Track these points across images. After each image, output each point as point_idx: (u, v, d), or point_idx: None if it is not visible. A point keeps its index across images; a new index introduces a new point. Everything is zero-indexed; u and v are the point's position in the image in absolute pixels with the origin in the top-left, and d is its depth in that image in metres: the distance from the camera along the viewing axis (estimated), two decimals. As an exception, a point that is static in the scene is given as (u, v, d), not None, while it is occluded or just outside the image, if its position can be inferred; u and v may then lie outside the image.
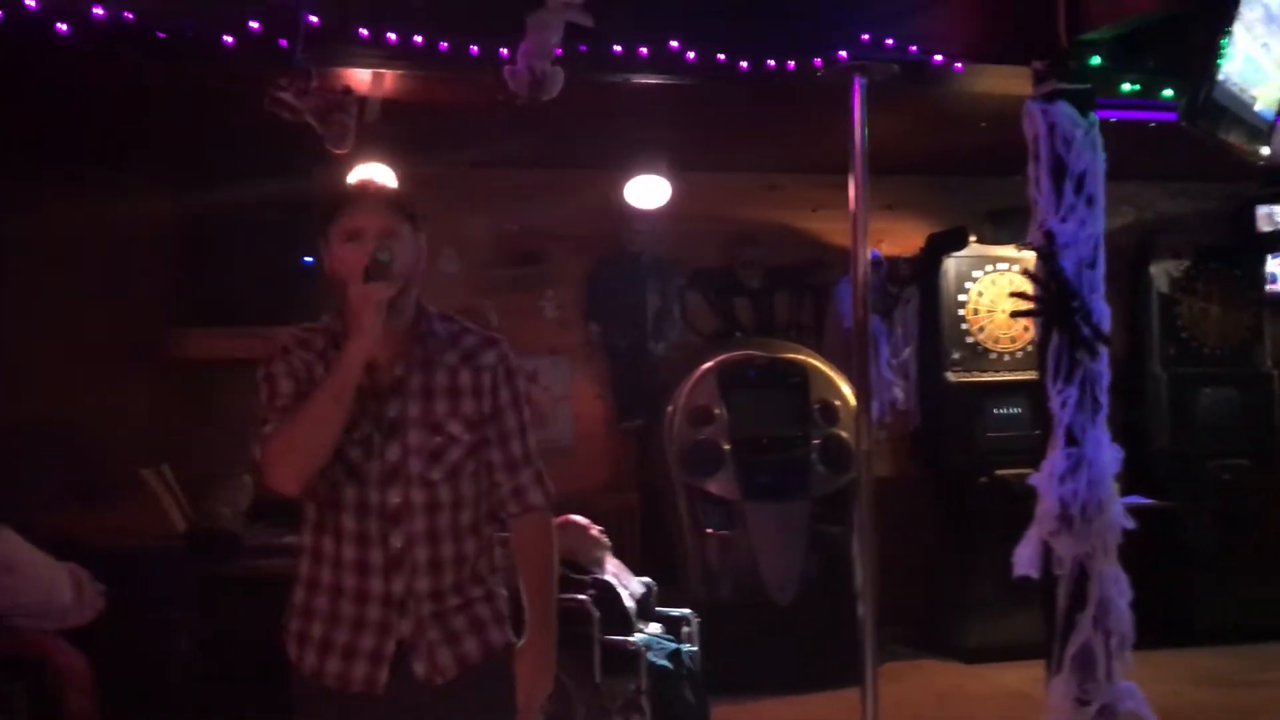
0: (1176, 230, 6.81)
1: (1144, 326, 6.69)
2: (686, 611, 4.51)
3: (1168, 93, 3.99)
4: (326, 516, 2.26)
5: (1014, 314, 4.15)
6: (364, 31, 3.35)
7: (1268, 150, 3.86)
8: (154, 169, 5.29)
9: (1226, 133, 3.65)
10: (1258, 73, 3.68)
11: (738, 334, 6.49)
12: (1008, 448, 6.04)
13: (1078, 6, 3.85)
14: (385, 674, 2.24)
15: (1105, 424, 3.95)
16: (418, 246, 2.29)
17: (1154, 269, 6.67)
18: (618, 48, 3.55)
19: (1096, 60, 3.90)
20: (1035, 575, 3.96)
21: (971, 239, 6.32)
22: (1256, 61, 3.67)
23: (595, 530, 4.46)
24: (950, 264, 6.34)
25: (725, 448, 5.85)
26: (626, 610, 4.22)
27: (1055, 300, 3.87)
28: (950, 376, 6.33)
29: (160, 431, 5.48)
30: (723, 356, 6.08)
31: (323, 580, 2.26)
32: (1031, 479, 3.97)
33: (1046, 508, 3.90)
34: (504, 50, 3.43)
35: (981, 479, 6.16)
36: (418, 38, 3.38)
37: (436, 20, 3.41)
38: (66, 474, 5.15)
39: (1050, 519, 3.89)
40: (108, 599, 4.21)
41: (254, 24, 3.25)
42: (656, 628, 4.41)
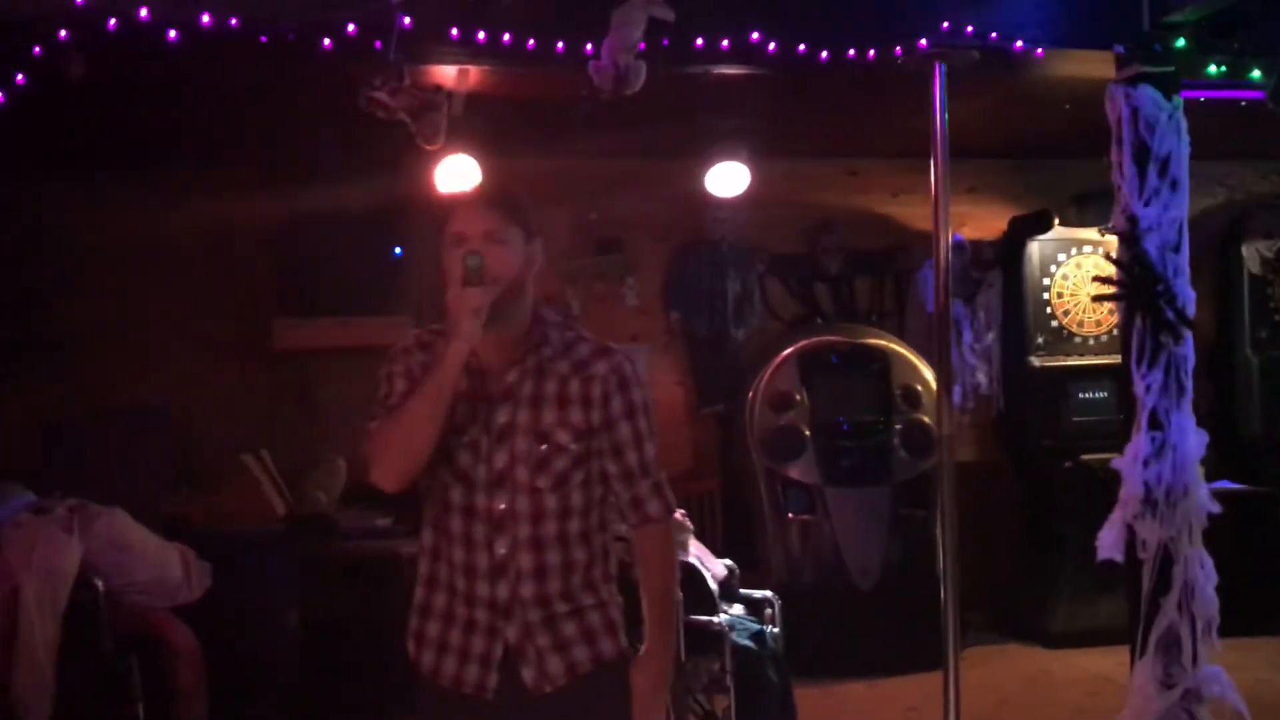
0: (1268, 210, 6.67)
1: (1234, 309, 6.58)
2: (769, 594, 4.58)
3: (1255, 74, 3.94)
4: (440, 517, 2.30)
5: (1096, 298, 4.15)
6: (455, 31, 3.45)
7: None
8: (256, 167, 5.49)
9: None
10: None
11: (818, 320, 6.52)
12: (1092, 432, 6.00)
13: (1161, -13, 3.83)
14: (494, 679, 2.25)
15: (1190, 408, 3.94)
16: (528, 252, 2.28)
17: (1245, 250, 6.55)
18: (699, 40, 3.60)
19: (1181, 42, 3.87)
20: (1119, 559, 3.97)
21: (1055, 222, 6.28)
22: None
23: (679, 514, 4.54)
24: (1034, 247, 6.30)
25: (806, 433, 5.90)
26: (710, 592, 4.30)
27: (1139, 284, 3.87)
28: (1034, 361, 6.30)
29: (261, 419, 5.69)
30: (803, 342, 6.12)
31: (439, 579, 2.31)
32: (1115, 463, 3.98)
33: (1130, 492, 3.91)
34: (589, 46, 3.52)
35: (1066, 464, 6.13)
36: (506, 36, 3.47)
37: (524, 19, 3.50)
38: (174, 460, 5.39)
39: (1134, 503, 3.89)
40: (214, 578, 4.42)
41: (350, 27, 3.37)
42: (739, 609, 4.48)
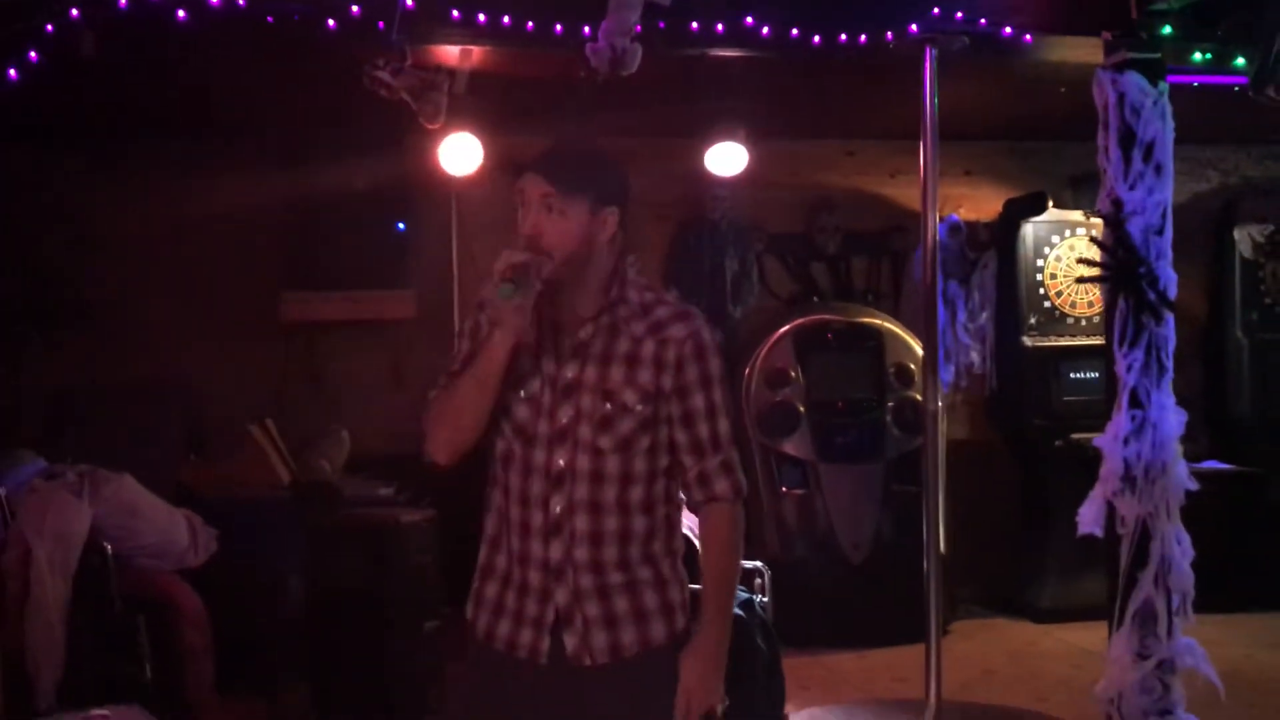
0: (1261, 195, 6.76)
1: (1226, 291, 6.68)
2: (759, 564, 4.69)
3: (1240, 61, 4.02)
4: (500, 473, 2.26)
5: (1080, 279, 4.25)
6: (456, 13, 3.55)
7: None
8: (265, 144, 5.59)
9: (1296, 101, 3.70)
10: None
11: (815, 298, 6.62)
12: (1084, 411, 6.07)
13: (1149, -25, 3.91)
14: (547, 644, 2.18)
15: (1170, 388, 4.05)
16: (596, 221, 2.20)
17: (1237, 233, 6.63)
18: (695, 24, 3.70)
19: (1167, 30, 3.95)
20: (1099, 534, 4.08)
21: (1050, 204, 6.36)
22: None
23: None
24: (1028, 229, 6.39)
25: (801, 409, 6.01)
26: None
27: (1122, 266, 3.96)
28: (1027, 341, 6.39)
29: (268, 391, 5.81)
30: (799, 320, 6.22)
31: (501, 539, 2.26)
32: (1096, 440, 4.09)
33: (1111, 468, 4.01)
34: (586, 29, 3.62)
35: (1057, 442, 6.23)
36: (506, 18, 3.57)
37: (524, 2, 3.60)
38: (184, 429, 5.52)
39: (1114, 479, 4.00)
40: (220, 543, 4.55)
41: (354, 8, 3.47)
42: (730, 579, 4.59)
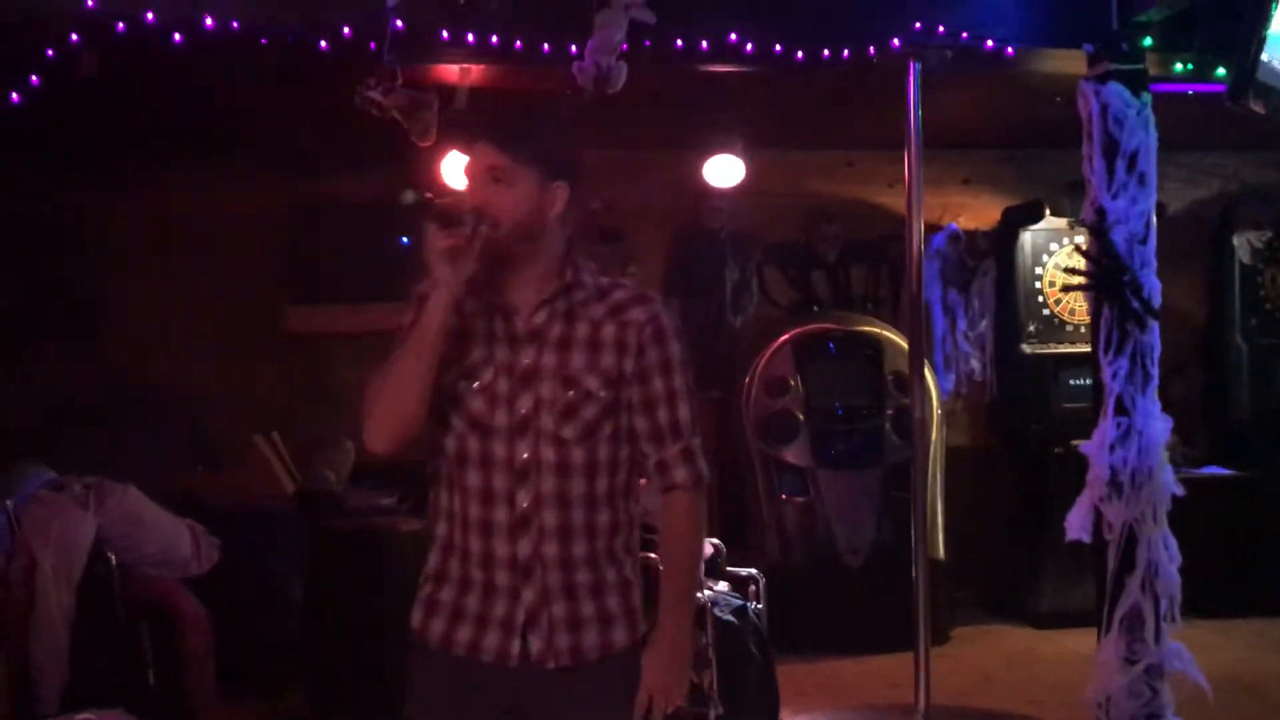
0: (1260, 201, 6.78)
1: (1225, 297, 6.70)
2: (753, 571, 4.75)
3: (1221, 71, 4.07)
4: (453, 471, 2.14)
5: (1065, 288, 4.29)
6: (445, 33, 3.64)
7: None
8: (264, 159, 5.70)
9: (1275, 110, 3.75)
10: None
11: (815, 307, 6.67)
12: (1082, 418, 5.98)
13: (1130, -13, 3.96)
14: (517, 646, 2.10)
15: (1155, 394, 4.09)
16: (547, 194, 2.09)
17: (1236, 239, 6.65)
18: (679, 41, 3.77)
19: (1148, 41, 4.00)
20: (1087, 539, 4.13)
21: (1047, 212, 6.40)
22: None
23: (666, 494, 4.73)
24: (1026, 237, 6.43)
25: (800, 417, 6.07)
26: (695, 568, 4.48)
27: (1106, 275, 4.01)
28: (1026, 348, 6.43)
29: (272, 401, 5.91)
30: (799, 329, 6.28)
31: (454, 542, 2.15)
32: (1083, 447, 4.13)
33: (1097, 474, 4.06)
34: (574, 47, 3.70)
35: (1056, 449, 6.26)
36: (494, 38, 3.66)
37: (512, 21, 3.68)
38: (189, 439, 5.62)
39: (1100, 485, 4.05)
40: (223, 552, 4.64)
41: (346, 29, 3.56)
42: (724, 586, 4.66)
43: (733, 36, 3.77)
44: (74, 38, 3.45)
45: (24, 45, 3.44)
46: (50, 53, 3.44)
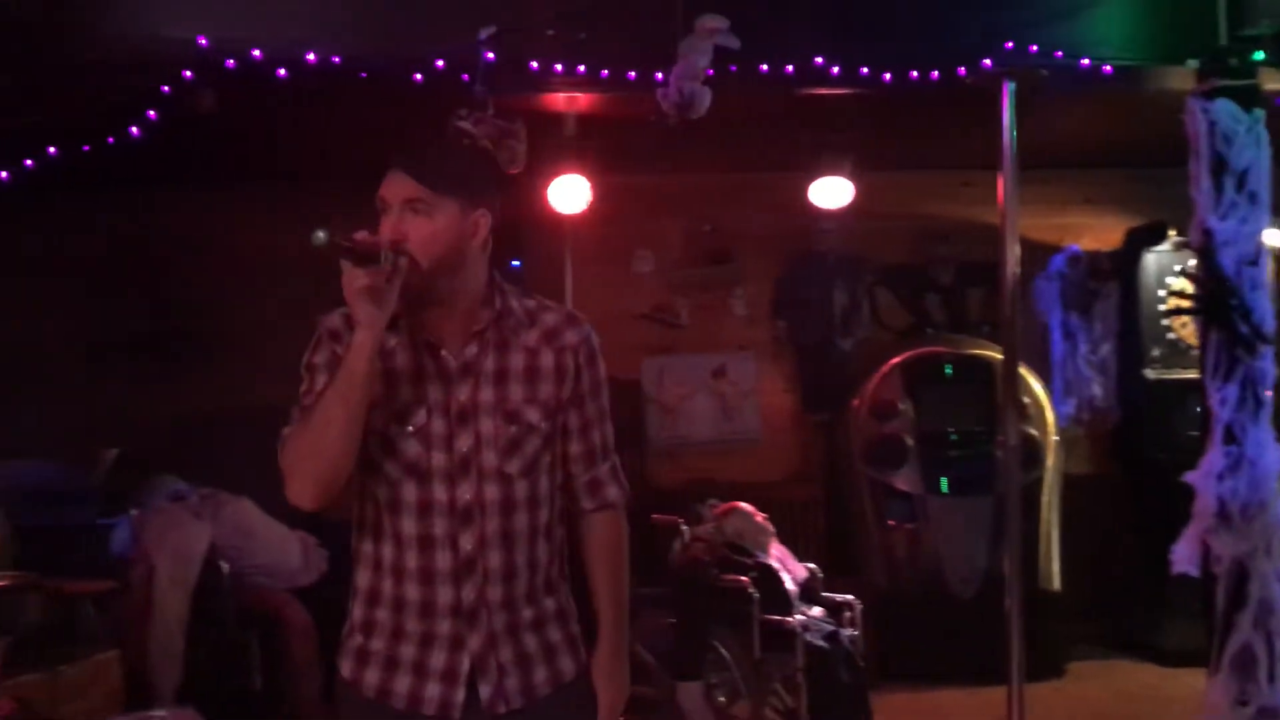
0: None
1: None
2: (849, 598, 4.70)
3: (1339, 84, 3.89)
4: (384, 520, 2.02)
5: (1170, 312, 4.14)
6: (534, 64, 3.74)
7: None
8: (358, 185, 5.90)
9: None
10: None
11: (929, 330, 6.57)
12: (1210, 447, 5.88)
13: (1239, 2, 3.83)
14: (461, 695, 2.00)
15: (1269, 423, 3.92)
16: (466, 223, 1.99)
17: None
18: (764, 66, 3.80)
19: (1260, 55, 3.86)
20: (1194, 573, 3.99)
21: (1172, 233, 6.16)
22: None
23: (760, 517, 4.73)
24: (1150, 258, 6.20)
25: (909, 442, 5.97)
26: (786, 592, 4.47)
27: (1213, 298, 3.87)
28: (1150, 373, 6.20)
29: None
30: (909, 352, 6.19)
31: (384, 592, 2.03)
32: (1188, 476, 3.99)
33: (1204, 505, 3.93)
34: (659, 74, 3.75)
35: (1181, 478, 6.01)
36: (581, 67, 3.74)
37: (599, 50, 3.77)
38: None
39: (1207, 516, 3.91)
40: (331, 564, 4.82)
41: (439, 62, 3.70)
42: (819, 611, 4.62)
43: (818, 60, 3.77)
44: (187, 74, 3.65)
45: (142, 83, 3.66)
46: (166, 89, 3.65)
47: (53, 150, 3.76)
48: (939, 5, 3.95)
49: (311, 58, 3.69)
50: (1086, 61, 3.87)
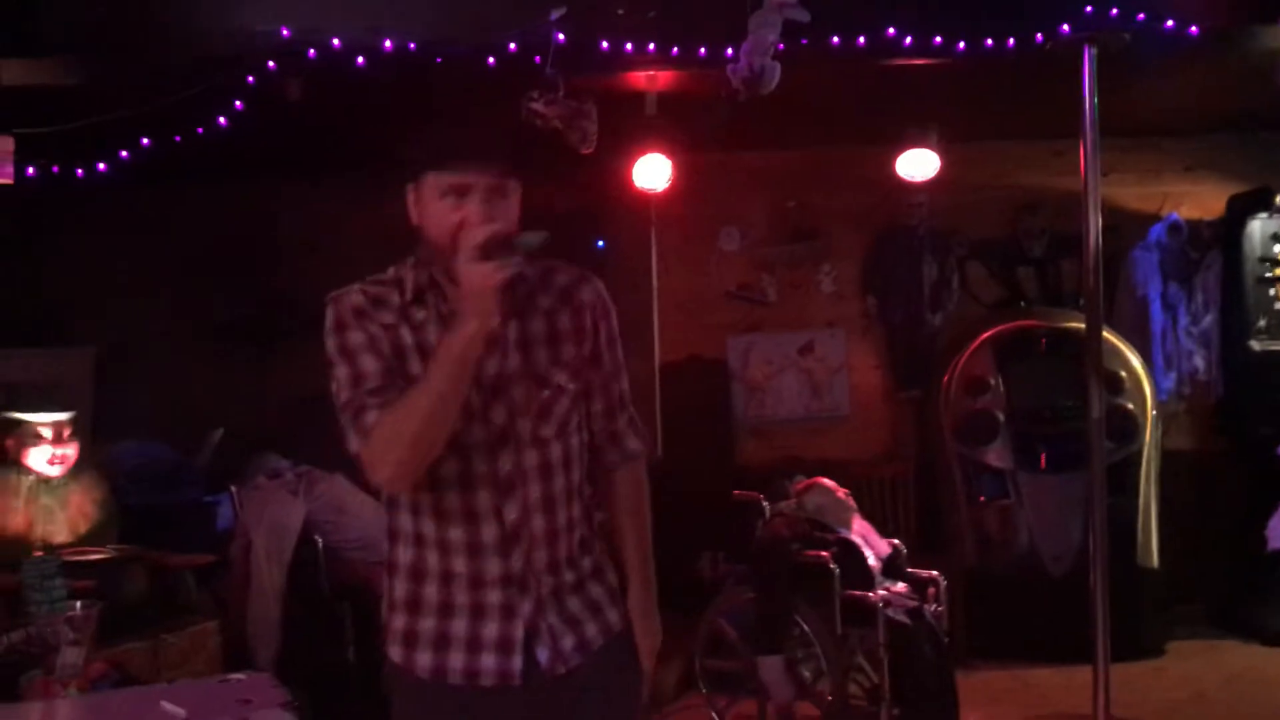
0: None
1: None
2: (934, 574, 4.65)
3: None
4: (423, 497, 2.01)
5: (1277, 280, 4.00)
6: (605, 44, 3.77)
7: None
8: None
9: None
10: None
11: (1021, 303, 6.44)
12: (1318, 420, 5.68)
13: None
14: (519, 663, 2.01)
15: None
16: (518, 201, 2.00)
17: None
18: (835, 39, 3.77)
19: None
20: (1289, 550, 3.85)
21: (1278, 199, 5.95)
22: None
23: (842, 493, 4.71)
24: (1255, 226, 5.99)
25: (1000, 418, 5.87)
26: (868, 568, 4.44)
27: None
28: (1255, 345, 6.01)
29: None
30: (1000, 326, 6.08)
31: (428, 568, 2.03)
32: (1283, 450, 3.85)
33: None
34: (729, 50, 3.76)
35: (1287, 452, 5.83)
36: (651, 45, 3.76)
37: (668, 27, 3.78)
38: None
39: (1306, 492, 3.77)
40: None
41: (511, 45, 3.76)
42: (902, 587, 4.59)
43: (890, 30, 3.73)
44: (271, 65, 3.77)
45: (230, 75, 3.80)
46: (251, 80, 3.78)
47: (145, 142, 3.92)
48: (1015, -29, 3.87)
49: (388, 45, 3.77)
50: (1171, 23, 3.74)
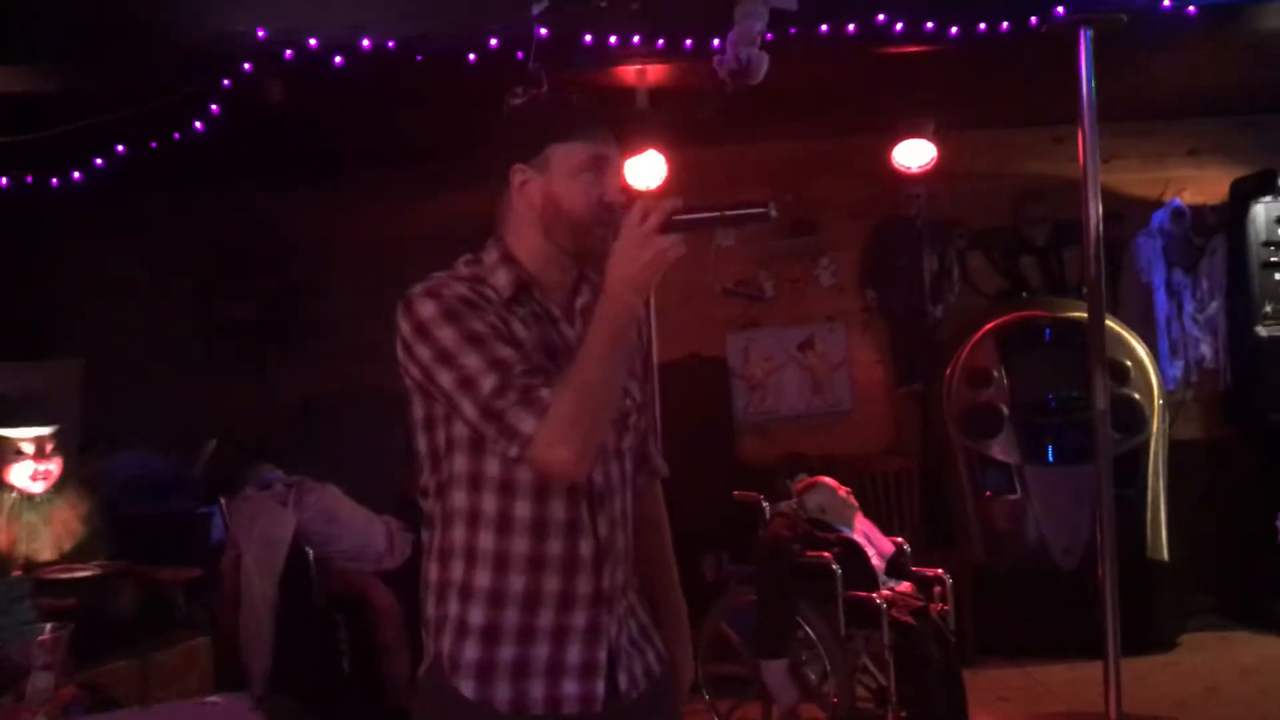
0: None
1: None
2: (940, 572, 4.56)
3: None
4: (515, 509, 1.83)
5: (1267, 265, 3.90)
6: (588, 38, 3.68)
7: None
8: (464, 170, 5.91)
9: None
10: None
11: (1024, 293, 6.35)
12: (1329, 406, 5.58)
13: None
14: (602, 688, 1.87)
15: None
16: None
17: None
18: (824, 27, 3.68)
19: (1361, -14, 3.60)
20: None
21: (1282, 182, 5.85)
22: None
23: (844, 491, 4.62)
24: (1259, 209, 5.90)
25: (1005, 410, 5.78)
26: (871, 568, 4.35)
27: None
28: (1262, 330, 5.92)
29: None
30: (1002, 317, 5.99)
31: (510, 590, 1.84)
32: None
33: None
34: (716, 41, 3.66)
35: (1298, 439, 5.73)
36: (636, 37, 3.67)
37: (653, 20, 3.69)
38: (390, 438, 5.91)
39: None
40: (415, 546, 4.85)
41: (493, 41, 3.67)
42: (907, 587, 4.50)
43: (881, 17, 3.64)
44: (247, 67, 3.69)
45: (204, 77, 3.71)
46: (227, 82, 3.70)
47: (121, 149, 3.84)
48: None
49: (366, 44, 3.69)
50: (1168, 3, 3.64)
